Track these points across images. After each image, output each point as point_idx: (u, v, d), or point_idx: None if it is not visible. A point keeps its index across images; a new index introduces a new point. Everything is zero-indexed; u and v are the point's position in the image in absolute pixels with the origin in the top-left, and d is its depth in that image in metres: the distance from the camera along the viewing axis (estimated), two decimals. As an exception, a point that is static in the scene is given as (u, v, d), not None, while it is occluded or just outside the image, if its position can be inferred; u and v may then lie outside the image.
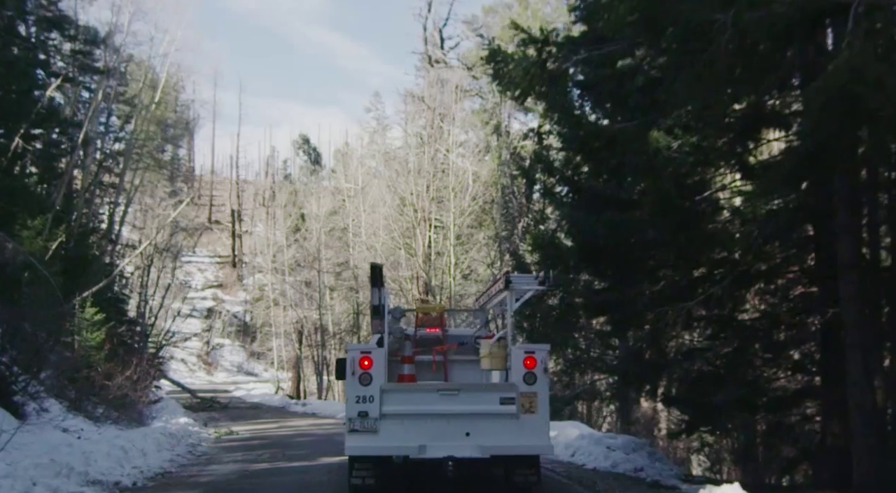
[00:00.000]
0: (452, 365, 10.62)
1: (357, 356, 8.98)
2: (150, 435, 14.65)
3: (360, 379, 8.87)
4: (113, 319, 24.94)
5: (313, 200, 51.61)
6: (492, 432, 8.74)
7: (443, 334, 10.77)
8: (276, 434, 19.70)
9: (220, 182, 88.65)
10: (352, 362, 8.95)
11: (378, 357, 9.06)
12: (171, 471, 12.02)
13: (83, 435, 13.70)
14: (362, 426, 8.74)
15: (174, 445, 14.72)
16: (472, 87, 36.54)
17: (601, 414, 22.64)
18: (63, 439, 12.54)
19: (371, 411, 8.77)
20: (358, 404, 8.82)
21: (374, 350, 9.13)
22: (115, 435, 14.28)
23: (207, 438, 18.52)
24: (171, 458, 13.15)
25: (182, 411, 32.87)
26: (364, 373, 8.90)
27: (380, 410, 8.79)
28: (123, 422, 18.52)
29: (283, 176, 76.37)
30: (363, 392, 8.84)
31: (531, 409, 8.77)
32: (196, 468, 12.42)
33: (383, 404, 8.82)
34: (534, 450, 8.97)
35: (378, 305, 9.61)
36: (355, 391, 8.88)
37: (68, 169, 22.58)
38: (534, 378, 8.82)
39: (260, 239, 64.56)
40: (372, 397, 8.81)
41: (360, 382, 8.88)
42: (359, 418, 8.76)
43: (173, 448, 14.32)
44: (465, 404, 8.82)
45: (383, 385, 8.97)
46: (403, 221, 34.71)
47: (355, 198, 41.11)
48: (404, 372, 10.10)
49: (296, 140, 73.48)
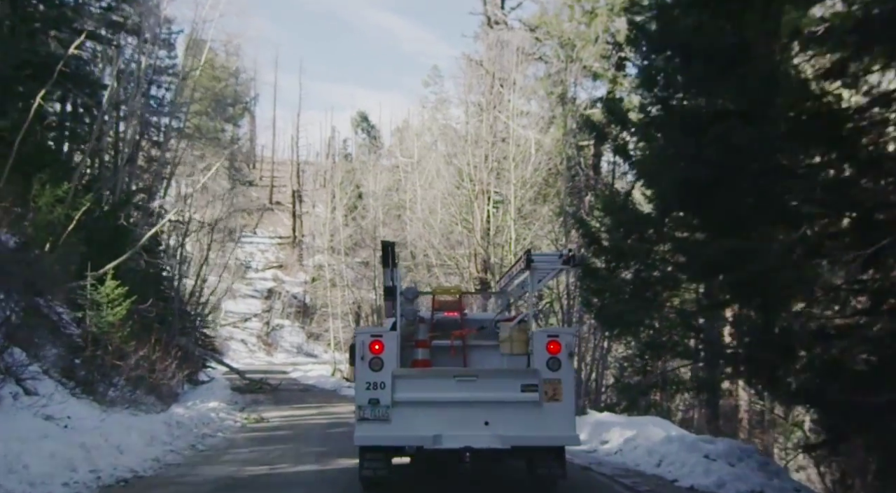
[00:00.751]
0: (472, 350, 9.95)
1: (367, 340, 8.41)
2: (154, 424, 12.55)
3: (371, 364, 8.31)
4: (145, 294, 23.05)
5: (371, 178, 49.92)
6: (512, 421, 8.16)
7: (461, 318, 10.22)
8: (309, 423, 17.45)
9: (282, 163, 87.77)
10: (361, 345, 8.37)
11: (390, 341, 8.46)
12: (140, 475, 9.65)
13: (71, 424, 11.63)
14: (373, 414, 8.18)
15: (177, 437, 12.58)
16: (535, 50, 33.57)
17: (677, 407, 19.74)
18: (34, 429, 10.40)
19: (382, 398, 8.21)
20: (368, 390, 8.26)
21: (385, 333, 8.53)
22: (114, 424, 12.19)
23: (231, 426, 16.43)
24: (159, 455, 10.91)
25: (228, 393, 31.16)
26: (375, 358, 8.32)
27: (392, 397, 8.24)
28: (142, 407, 16.52)
29: (342, 156, 74.67)
30: (374, 378, 8.27)
31: (555, 397, 8.16)
32: (174, 472, 10.07)
33: (395, 390, 8.27)
34: (558, 441, 8.34)
35: (391, 286, 9.08)
36: (365, 377, 8.31)
37: (93, 133, 20.65)
38: (558, 364, 8.24)
39: (319, 220, 63.30)
40: (383, 383, 8.24)
41: (370, 367, 8.31)
42: (369, 405, 8.21)
43: (172, 442, 12.16)
44: (483, 391, 8.25)
45: (395, 371, 8.38)
46: (460, 194, 32.16)
47: (412, 173, 38.76)
48: (418, 357, 9.40)
49: (354, 118, 71.53)
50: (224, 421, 16.84)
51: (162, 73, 33.29)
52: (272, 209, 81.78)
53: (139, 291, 24.28)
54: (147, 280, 25.44)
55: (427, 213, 34.57)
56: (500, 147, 31.40)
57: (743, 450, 10.41)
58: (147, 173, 27.35)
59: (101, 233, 21.02)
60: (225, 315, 64.94)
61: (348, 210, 55.54)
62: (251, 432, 15.57)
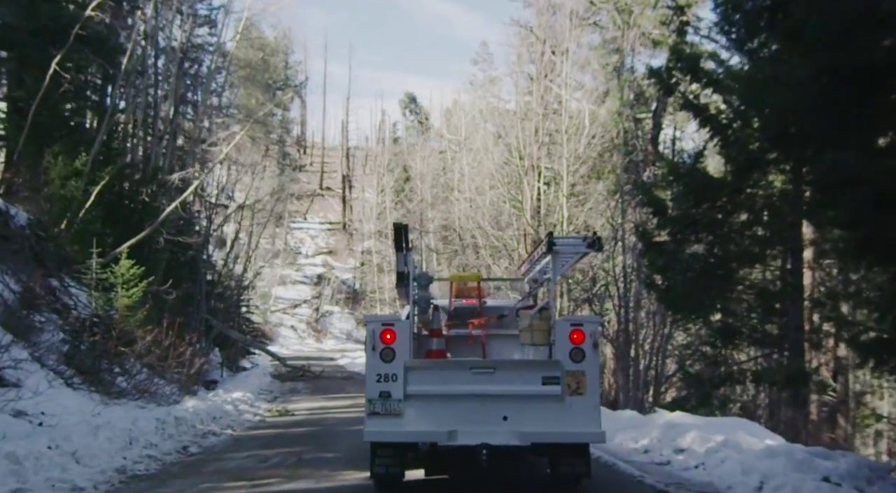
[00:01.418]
0: (491, 340, 9.53)
1: (378, 329, 7.79)
2: (147, 422, 10.77)
3: (382, 355, 7.68)
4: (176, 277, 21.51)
5: (418, 159, 48.35)
6: (533, 416, 7.56)
7: (480, 305, 9.74)
8: (336, 417, 15.57)
9: (332, 149, 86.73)
10: (372, 335, 7.75)
11: (402, 330, 7.81)
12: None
13: (47, 421, 9.90)
14: (384, 408, 7.59)
15: (169, 437, 10.68)
16: (589, 16, 31.09)
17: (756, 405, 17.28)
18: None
19: (394, 391, 7.63)
20: (379, 383, 7.64)
21: (397, 322, 7.92)
22: (103, 420, 10.46)
23: (247, 421, 14.66)
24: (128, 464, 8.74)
25: (267, 381, 29.74)
26: (386, 348, 7.70)
27: (404, 390, 7.63)
28: (156, 398, 14.87)
29: (392, 140, 73.10)
30: (385, 370, 7.64)
31: (579, 390, 7.56)
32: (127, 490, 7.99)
33: (408, 383, 7.65)
34: (582, 438, 7.68)
35: (403, 271, 8.42)
36: (376, 369, 7.66)
37: (111, 103, 19.09)
38: (582, 355, 7.60)
39: (368, 205, 62.01)
40: (395, 375, 7.65)
41: (381, 358, 7.67)
42: (380, 399, 7.60)
43: (161, 443, 10.24)
44: (501, 383, 7.65)
45: (408, 362, 7.73)
46: (509, 170, 30.01)
47: (459, 152, 36.75)
48: (433, 347, 8.73)
49: (402, 99, 69.79)
50: (242, 415, 15.10)
51: (200, 50, 31.84)
52: (322, 195, 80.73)
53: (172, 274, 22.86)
54: (178, 263, 23.92)
55: (474, 192, 32.51)
56: (551, 120, 29.16)
57: (873, 469, 7.82)
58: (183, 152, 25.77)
59: (122, 210, 19.50)
60: (275, 301, 64.14)
61: (396, 193, 54.02)
62: (266, 428, 13.75)
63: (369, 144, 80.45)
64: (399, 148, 62.38)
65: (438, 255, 44.15)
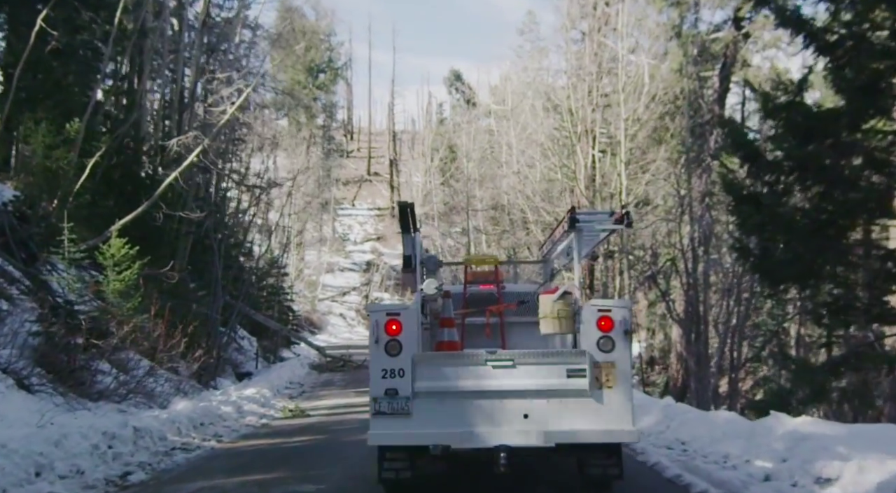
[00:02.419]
0: (510, 329, 8.57)
1: (382, 319, 6.72)
2: (92, 434, 8.25)
3: (387, 348, 6.66)
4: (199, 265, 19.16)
5: (464, 136, 45.69)
6: (557, 413, 6.63)
7: (498, 291, 8.78)
8: (355, 419, 12.88)
9: (379, 134, 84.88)
10: (375, 326, 6.70)
11: (409, 320, 6.77)
12: None
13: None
14: (391, 407, 6.64)
15: (106, 460, 7.90)
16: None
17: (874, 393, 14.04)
18: None
19: (401, 388, 6.66)
20: (385, 379, 6.66)
21: (403, 311, 6.85)
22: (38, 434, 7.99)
23: (247, 426, 12.05)
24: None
25: (302, 373, 27.44)
26: (391, 340, 6.67)
27: (412, 386, 6.67)
28: (145, 399, 12.48)
29: (438, 121, 70.44)
30: (391, 365, 6.65)
31: (608, 383, 6.61)
32: None
33: (417, 379, 6.68)
34: (612, 437, 6.71)
35: (410, 254, 7.68)
36: (381, 364, 6.68)
37: (104, 64, 16.72)
38: (611, 344, 6.68)
39: (416, 188, 59.75)
40: (402, 370, 6.66)
41: (386, 351, 6.66)
42: (386, 397, 6.65)
43: (97, 468, 7.64)
44: (521, 377, 6.69)
45: (416, 355, 6.76)
46: (560, 138, 27.04)
47: (506, 122, 33.89)
48: (444, 339, 7.67)
49: (448, 77, 66.88)
50: (243, 418, 12.57)
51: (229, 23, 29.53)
52: (370, 181, 78.78)
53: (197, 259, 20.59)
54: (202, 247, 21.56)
55: (523, 164, 29.63)
56: (606, 81, 26.11)
57: None
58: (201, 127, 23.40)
59: (124, 184, 17.21)
60: (323, 289, 62.29)
61: (442, 173, 51.59)
62: (261, 438, 11.07)
63: (416, 128, 78.19)
64: (445, 129, 59.79)
65: (487, 236, 41.58)
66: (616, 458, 6.95)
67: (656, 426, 10.05)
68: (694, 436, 8.79)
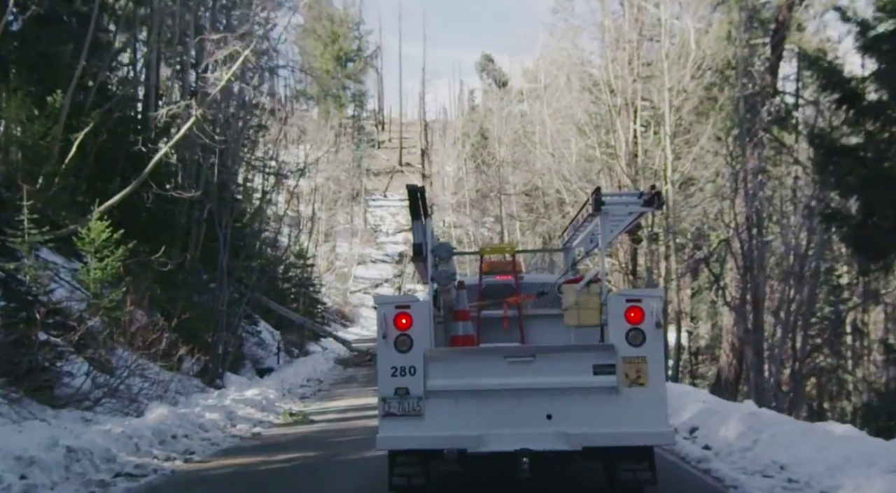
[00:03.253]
0: (529, 322, 7.93)
1: (390, 313, 6.14)
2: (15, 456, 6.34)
3: (397, 344, 6.09)
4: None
5: (496, 120, 43.59)
6: (583, 413, 6.03)
7: (516, 282, 8.17)
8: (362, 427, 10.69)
9: (410, 124, 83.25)
10: (384, 320, 6.10)
11: (420, 313, 6.21)
12: None
13: None
14: (401, 408, 5.99)
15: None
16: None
17: None
18: None
19: (412, 387, 6.03)
20: (394, 377, 6.03)
21: (413, 304, 6.30)
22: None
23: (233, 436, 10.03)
24: None
25: (326, 368, 25.77)
26: (401, 335, 6.11)
27: (424, 385, 6.05)
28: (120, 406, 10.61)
29: (469, 108, 68.38)
30: (401, 362, 6.06)
31: (639, 380, 6.01)
32: None
33: (429, 377, 6.09)
34: (645, 439, 6.09)
35: (421, 242, 6.74)
36: (390, 361, 6.07)
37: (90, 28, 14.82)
38: (641, 337, 6.06)
39: (448, 179, 57.88)
40: (413, 368, 6.07)
41: (396, 347, 6.08)
42: (395, 397, 6.00)
43: None
44: (544, 375, 6.11)
45: (428, 351, 6.18)
46: (598, 112, 24.80)
47: (539, 100, 31.68)
48: (459, 333, 7.04)
49: (479, 61, 64.62)
50: (233, 426, 10.49)
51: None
52: (402, 171, 77.12)
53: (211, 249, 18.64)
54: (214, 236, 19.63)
55: (558, 142, 27.39)
56: (649, 49, 23.84)
57: None
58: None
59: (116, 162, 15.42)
60: (354, 281, 60.70)
61: (473, 160, 49.62)
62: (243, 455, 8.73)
63: (448, 117, 76.29)
64: (477, 115, 57.77)
65: (521, 223, 39.52)
66: (648, 462, 6.26)
67: (739, 440, 7.83)
68: (797, 459, 6.58)
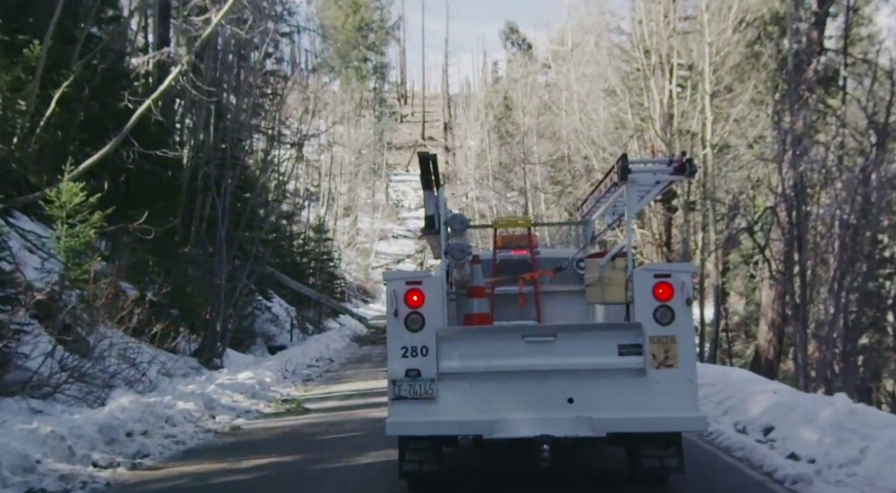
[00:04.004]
0: (547, 299, 7.48)
1: (401, 290, 5.72)
2: None
3: (408, 322, 5.69)
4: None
5: (520, 89, 41.68)
6: (607, 397, 5.60)
7: (532, 256, 7.66)
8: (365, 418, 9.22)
9: (434, 98, 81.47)
10: (393, 297, 5.70)
11: (433, 290, 5.78)
12: None
13: None
14: (412, 390, 5.60)
15: None
16: None
17: None
18: None
19: (424, 368, 5.63)
20: (405, 358, 5.64)
21: (425, 280, 5.86)
22: None
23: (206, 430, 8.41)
24: None
25: (340, 345, 24.38)
26: (412, 313, 5.71)
27: (437, 367, 5.64)
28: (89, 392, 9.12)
29: (493, 80, 66.34)
30: (412, 341, 5.65)
31: (667, 361, 5.56)
32: None
33: (442, 358, 5.67)
34: (674, 424, 5.60)
35: (433, 214, 6.10)
36: (401, 341, 5.67)
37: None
38: (670, 315, 5.62)
39: (471, 152, 56.21)
40: (425, 348, 5.66)
41: (406, 326, 5.69)
42: (406, 379, 5.60)
43: None
44: (565, 355, 5.67)
45: (441, 330, 5.74)
46: (630, 71, 22.89)
47: (566, 65, 29.76)
48: (473, 311, 6.59)
49: (503, 30, 62.49)
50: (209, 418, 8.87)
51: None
52: (424, 145, 75.49)
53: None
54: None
55: (587, 103, 25.50)
56: (684, 3, 21.90)
57: None
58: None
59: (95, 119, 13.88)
60: (376, 257, 59.38)
61: (497, 131, 47.86)
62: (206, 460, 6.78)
63: (471, 90, 74.40)
64: (500, 86, 55.81)
65: (546, 194, 37.73)
66: (676, 448, 5.88)
67: (837, 448, 6.00)
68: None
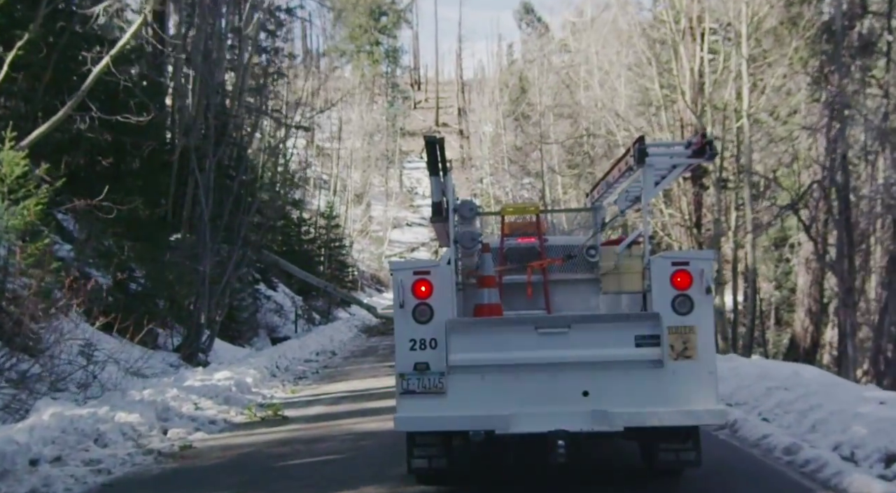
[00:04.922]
0: (556, 288, 6.82)
1: (408, 280, 5.42)
2: None
3: (416, 314, 5.40)
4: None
5: (535, 69, 39.86)
6: (624, 390, 5.28)
7: (540, 244, 7.02)
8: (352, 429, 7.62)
9: (447, 84, 79.75)
10: (400, 287, 5.40)
11: (442, 280, 5.47)
12: None
13: None
14: (421, 384, 5.33)
15: None
16: None
17: None
18: None
19: (433, 361, 5.34)
20: (413, 351, 5.35)
21: (434, 269, 5.52)
22: None
23: (153, 448, 6.67)
24: None
25: (347, 336, 22.81)
26: (420, 304, 5.41)
27: (446, 360, 5.34)
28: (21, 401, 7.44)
29: (508, 63, 64.40)
30: (421, 333, 5.37)
31: (686, 352, 5.29)
32: None
33: (451, 350, 5.36)
34: (693, 418, 5.32)
35: (440, 201, 5.71)
36: (409, 333, 5.37)
37: None
38: (689, 305, 5.30)
39: (485, 137, 54.44)
40: (434, 340, 5.37)
41: (414, 317, 5.40)
42: (415, 373, 5.32)
43: None
44: (579, 347, 5.36)
45: (450, 322, 5.44)
46: (659, 34, 20.94)
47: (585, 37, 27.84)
48: (483, 301, 6.06)
49: (517, 10, 60.47)
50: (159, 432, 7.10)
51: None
52: (438, 131, 73.71)
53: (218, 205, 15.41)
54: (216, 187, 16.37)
55: (610, 74, 23.58)
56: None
57: None
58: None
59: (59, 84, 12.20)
60: (390, 245, 57.74)
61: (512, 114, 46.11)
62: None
63: (486, 75, 72.65)
64: (516, 68, 53.96)
65: (563, 178, 35.98)
66: (693, 441, 5.43)
67: None
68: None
